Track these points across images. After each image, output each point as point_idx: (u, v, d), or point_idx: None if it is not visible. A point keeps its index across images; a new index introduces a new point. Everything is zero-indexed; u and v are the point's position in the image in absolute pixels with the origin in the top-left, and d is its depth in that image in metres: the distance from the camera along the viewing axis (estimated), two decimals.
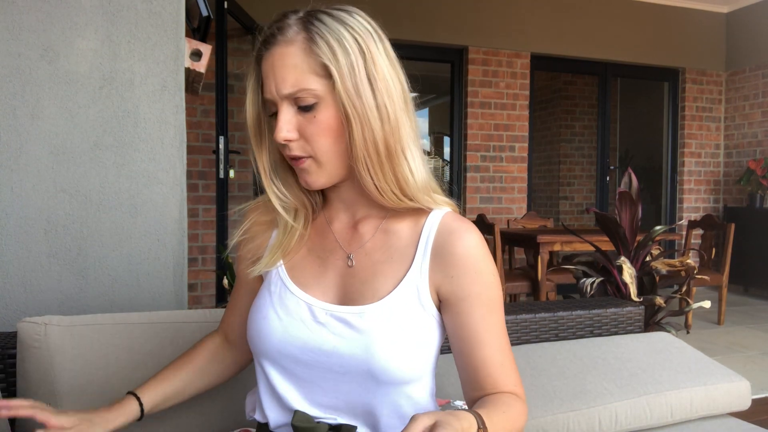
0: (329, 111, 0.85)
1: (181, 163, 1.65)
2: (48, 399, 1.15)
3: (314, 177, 0.88)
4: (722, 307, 4.59)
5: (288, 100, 0.85)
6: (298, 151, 0.86)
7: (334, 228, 0.96)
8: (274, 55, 0.84)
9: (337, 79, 0.83)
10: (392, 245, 0.91)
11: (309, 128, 0.85)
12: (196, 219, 4.42)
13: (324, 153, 0.86)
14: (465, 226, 0.90)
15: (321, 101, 0.84)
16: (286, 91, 0.84)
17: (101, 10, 1.55)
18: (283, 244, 0.95)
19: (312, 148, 0.86)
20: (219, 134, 3.74)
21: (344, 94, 0.83)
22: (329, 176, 0.89)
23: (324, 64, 0.83)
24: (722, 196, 6.43)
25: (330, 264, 0.94)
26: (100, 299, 1.57)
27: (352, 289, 0.90)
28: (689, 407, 1.52)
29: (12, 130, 1.49)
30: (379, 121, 0.85)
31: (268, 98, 0.87)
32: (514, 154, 5.65)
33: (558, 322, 1.76)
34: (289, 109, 0.85)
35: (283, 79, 0.83)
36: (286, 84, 0.83)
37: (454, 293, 0.88)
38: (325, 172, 0.88)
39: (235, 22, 4.26)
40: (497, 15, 5.49)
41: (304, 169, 0.88)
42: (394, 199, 0.88)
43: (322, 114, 0.84)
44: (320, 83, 0.84)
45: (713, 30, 6.32)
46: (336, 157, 0.87)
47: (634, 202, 3.11)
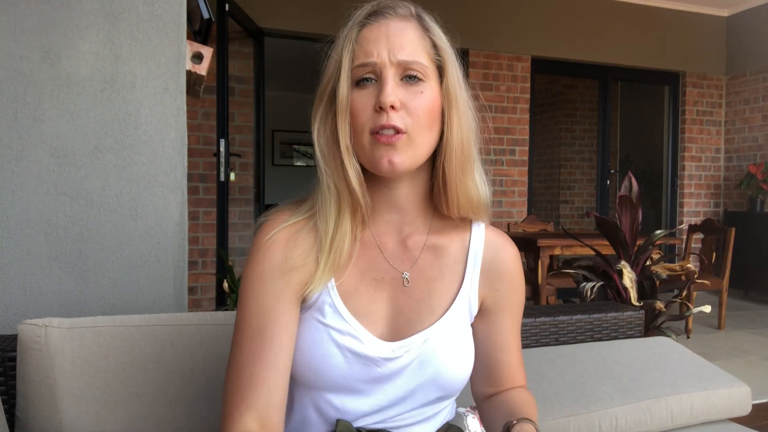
0: (433, 93, 0.85)
1: (182, 165, 1.65)
2: (48, 401, 1.15)
3: (402, 157, 0.83)
4: (723, 312, 4.59)
5: (397, 68, 0.83)
6: (398, 121, 0.82)
7: (385, 245, 0.92)
8: (390, 25, 0.84)
9: (447, 68, 0.86)
10: (442, 262, 0.93)
11: (413, 101, 0.83)
12: (196, 222, 4.41)
13: (420, 131, 0.84)
14: (508, 241, 0.98)
15: (427, 81, 0.84)
16: (402, 57, 0.82)
17: (102, 13, 1.55)
18: (331, 259, 0.86)
19: (412, 121, 0.83)
20: (220, 137, 3.75)
21: (452, 82, 0.86)
22: (414, 160, 0.85)
23: (437, 51, 0.86)
24: (723, 200, 6.43)
25: (386, 285, 0.90)
26: (100, 302, 1.57)
27: (408, 309, 0.90)
28: (689, 412, 1.52)
29: (13, 132, 1.49)
30: (468, 122, 0.88)
31: (370, 63, 0.83)
32: (514, 157, 5.65)
33: (558, 326, 1.76)
34: (395, 78, 0.83)
35: (401, 46, 0.83)
36: (403, 51, 0.83)
37: (496, 304, 0.95)
38: (413, 154, 0.84)
39: (236, 24, 4.27)
40: (498, 18, 5.50)
41: (393, 146, 0.82)
42: (455, 207, 0.90)
43: (429, 92, 0.84)
44: (431, 65, 0.85)
45: (714, 34, 6.33)
46: (427, 141, 0.85)
47: (634, 206, 3.11)
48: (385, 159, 0.82)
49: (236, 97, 4.59)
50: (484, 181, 0.91)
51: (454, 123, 0.86)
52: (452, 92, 0.86)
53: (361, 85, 0.84)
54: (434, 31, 0.87)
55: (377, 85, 0.83)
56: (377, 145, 0.82)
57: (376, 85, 0.83)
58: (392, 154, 0.82)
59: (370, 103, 0.83)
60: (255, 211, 4.75)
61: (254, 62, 4.73)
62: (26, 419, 1.17)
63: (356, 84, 0.84)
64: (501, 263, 0.95)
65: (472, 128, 0.89)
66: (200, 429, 1.25)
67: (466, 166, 0.88)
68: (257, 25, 4.62)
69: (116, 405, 1.19)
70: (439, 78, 0.86)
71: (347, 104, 0.84)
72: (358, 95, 0.84)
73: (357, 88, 0.84)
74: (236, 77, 4.57)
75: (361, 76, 0.84)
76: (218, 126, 3.79)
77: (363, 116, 0.83)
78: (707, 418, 1.56)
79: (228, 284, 2.88)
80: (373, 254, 0.91)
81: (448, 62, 0.86)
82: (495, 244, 0.96)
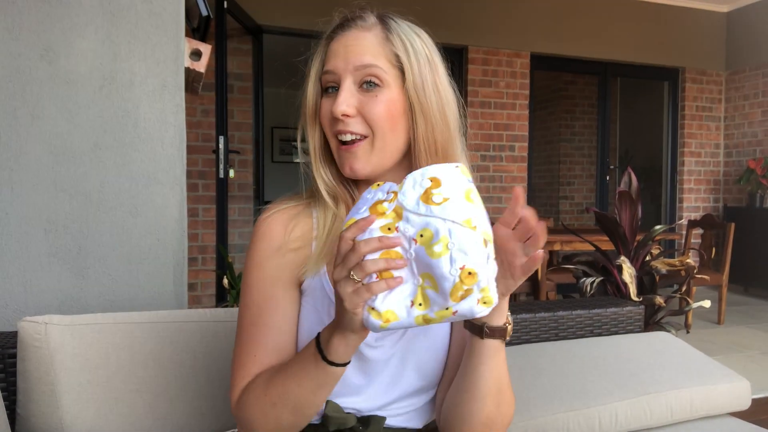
0: (393, 96, 0.87)
1: (181, 162, 1.65)
2: (49, 398, 1.15)
3: (362, 163, 0.88)
4: (722, 307, 4.59)
5: (354, 75, 0.86)
6: (355, 127, 0.86)
7: None
8: (350, 36, 0.88)
9: (408, 70, 0.88)
10: None
11: (369, 105, 0.86)
12: (195, 219, 4.41)
13: (381, 135, 0.87)
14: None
15: (386, 86, 0.87)
16: (358, 62, 0.86)
17: (101, 11, 1.55)
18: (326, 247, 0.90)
19: (371, 126, 0.87)
20: (219, 134, 3.75)
21: (412, 87, 0.88)
22: (377, 165, 0.89)
23: (397, 54, 0.87)
24: (722, 196, 6.43)
25: None
26: (100, 299, 1.57)
27: None
28: (689, 407, 1.52)
29: (12, 130, 1.49)
30: (441, 124, 0.90)
31: (330, 71, 0.88)
32: (514, 153, 5.65)
33: (558, 321, 1.76)
34: (352, 85, 0.87)
35: (357, 54, 0.86)
36: (359, 58, 0.86)
37: None
38: (374, 158, 0.88)
39: (234, 21, 4.26)
40: (497, 14, 5.49)
41: (353, 153, 0.87)
42: None
43: (385, 95, 0.87)
44: (390, 70, 0.88)
45: (713, 29, 6.32)
46: (391, 143, 0.88)
47: (633, 201, 3.11)
48: (347, 165, 0.88)
49: (235, 94, 4.59)
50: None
51: (419, 125, 0.88)
52: (413, 94, 0.88)
53: (327, 93, 0.90)
54: (397, 33, 0.89)
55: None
56: (341, 153, 0.89)
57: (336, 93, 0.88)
58: (353, 161, 0.88)
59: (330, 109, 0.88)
60: (254, 207, 4.75)
61: (253, 59, 4.73)
62: (27, 416, 1.17)
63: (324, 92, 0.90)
64: None
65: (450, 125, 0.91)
66: (200, 425, 1.25)
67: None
68: (256, 22, 4.61)
69: (116, 401, 1.19)
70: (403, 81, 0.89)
71: (314, 111, 0.91)
72: (324, 102, 0.90)
73: (324, 96, 0.90)
74: (235, 74, 4.57)
75: (326, 85, 0.89)
76: (217, 123, 3.79)
77: (326, 122, 0.89)
78: (707, 412, 1.56)
79: (228, 281, 2.88)
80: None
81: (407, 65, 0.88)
82: None
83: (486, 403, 0.83)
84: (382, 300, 0.69)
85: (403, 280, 0.69)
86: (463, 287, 0.67)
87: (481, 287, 0.68)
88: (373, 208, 0.70)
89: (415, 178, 0.70)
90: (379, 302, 0.69)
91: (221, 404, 1.26)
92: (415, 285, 0.69)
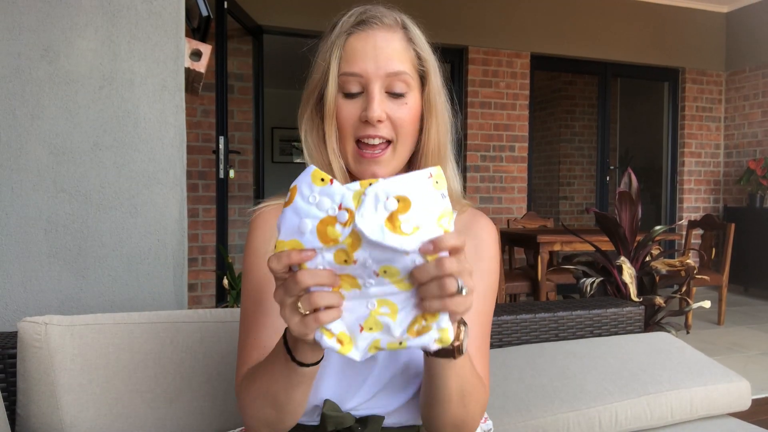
0: (416, 102, 0.89)
1: (181, 163, 1.65)
2: (49, 398, 1.15)
3: (384, 168, 0.88)
4: (722, 307, 4.59)
5: (384, 80, 0.86)
6: (383, 132, 0.86)
7: None
8: (377, 36, 0.87)
9: (430, 74, 0.90)
10: None
11: (398, 114, 0.87)
12: (196, 219, 4.42)
13: (404, 140, 0.88)
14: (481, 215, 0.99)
15: (411, 91, 0.88)
16: (391, 69, 0.86)
17: (101, 11, 1.55)
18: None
19: (397, 132, 0.87)
20: (219, 134, 3.75)
21: (433, 91, 0.90)
22: (394, 169, 0.90)
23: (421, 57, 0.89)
24: (722, 196, 6.43)
25: None
26: (100, 299, 1.57)
27: None
28: (689, 407, 1.52)
29: (12, 130, 1.49)
30: (445, 124, 0.93)
31: (357, 74, 0.86)
32: (514, 154, 5.65)
33: (558, 322, 1.76)
34: (381, 91, 0.86)
35: (389, 58, 0.86)
36: (391, 63, 0.86)
37: None
38: (394, 162, 0.89)
39: (234, 22, 4.26)
40: (497, 15, 5.49)
41: (377, 161, 0.88)
42: None
43: (412, 102, 0.88)
44: (414, 76, 0.89)
45: (713, 30, 6.33)
46: (408, 148, 0.90)
47: (633, 202, 3.11)
48: (369, 172, 0.88)
49: (235, 94, 4.59)
50: (456, 175, 0.96)
51: (432, 128, 0.90)
52: (432, 100, 0.90)
53: (348, 95, 0.87)
54: (418, 40, 0.90)
55: (363, 97, 0.87)
56: (361, 160, 0.88)
57: (362, 97, 0.87)
58: (375, 168, 0.88)
59: (356, 113, 0.87)
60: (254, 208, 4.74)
61: (253, 59, 4.73)
62: (27, 416, 1.17)
63: (344, 94, 0.88)
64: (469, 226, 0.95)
65: (448, 128, 0.93)
66: (200, 425, 1.25)
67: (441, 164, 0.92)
68: (256, 23, 4.62)
69: (116, 402, 1.19)
70: (421, 86, 0.90)
71: (334, 110, 0.88)
72: (345, 104, 0.87)
73: (344, 97, 0.88)
74: (235, 74, 4.57)
75: (348, 89, 0.87)
76: (217, 123, 3.79)
77: (348, 125, 0.87)
78: (707, 413, 1.56)
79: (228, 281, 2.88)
80: None
81: (430, 71, 0.90)
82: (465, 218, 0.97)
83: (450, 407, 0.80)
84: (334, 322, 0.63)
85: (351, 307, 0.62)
86: (423, 323, 0.62)
87: (441, 327, 0.62)
88: (323, 233, 0.59)
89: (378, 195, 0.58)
90: (332, 325, 0.62)
91: (221, 404, 1.26)
92: (368, 309, 0.63)
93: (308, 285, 0.60)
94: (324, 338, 0.62)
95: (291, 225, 0.60)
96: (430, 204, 0.59)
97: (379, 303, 0.62)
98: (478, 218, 0.97)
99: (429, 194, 0.59)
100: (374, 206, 0.58)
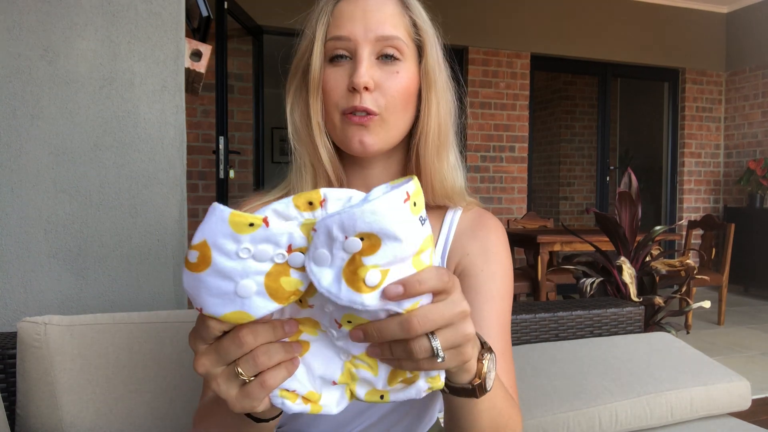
0: (410, 73, 0.81)
1: (181, 163, 1.65)
2: (48, 398, 1.15)
3: (374, 138, 0.80)
4: (722, 307, 4.59)
5: (374, 45, 0.79)
6: (370, 104, 0.78)
7: None
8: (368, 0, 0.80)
9: (427, 44, 0.82)
10: None
11: (388, 82, 0.79)
12: (196, 219, 4.41)
13: (394, 112, 0.80)
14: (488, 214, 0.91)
15: (404, 60, 0.80)
16: (381, 32, 0.78)
17: (101, 11, 1.55)
18: None
19: (386, 102, 0.79)
20: (219, 134, 3.75)
21: (431, 62, 0.82)
22: (387, 141, 0.81)
23: (416, 28, 0.82)
24: (722, 197, 6.43)
25: None
26: (100, 299, 1.57)
27: None
28: (689, 407, 1.52)
29: (12, 130, 1.49)
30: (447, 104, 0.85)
31: (344, 37, 0.79)
32: (514, 154, 5.65)
33: (558, 322, 1.76)
34: (371, 57, 0.79)
35: (378, 21, 0.78)
36: (381, 27, 0.78)
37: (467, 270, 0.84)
38: (385, 136, 0.81)
39: (235, 22, 4.26)
40: (497, 15, 5.49)
41: (366, 127, 0.79)
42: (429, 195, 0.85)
43: (405, 72, 0.80)
44: (410, 44, 0.81)
45: (713, 30, 6.33)
46: (401, 122, 0.82)
47: (633, 202, 3.11)
48: (356, 139, 0.79)
49: (235, 94, 4.59)
50: (459, 166, 0.88)
51: (433, 105, 0.83)
52: (431, 73, 0.82)
53: (335, 61, 0.80)
54: (414, 8, 0.83)
55: (351, 63, 0.79)
56: (349, 124, 0.79)
57: (350, 63, 0.79)
58: (364, 134, 0.79)
59: (344, 81, 0.79)
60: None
61: (253, 60, 4.73)
62: (26, 416, 1.17)
63: (330, 60, 0.80)
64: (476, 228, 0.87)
65: (451, 111, 0.86)
66: None
67: (442, 151, 0.85)
68: (256, 23, 4.62)
69: (116, 402, 1.19)
70: (418, 57, 0.83)
71: (319, 81, 0.80)
72: (332, 72, 0.80)
73: (330, 65, 0.80)
74: (235, 75, 4.57)
75: (335, 53, 0.80)
76: (217, 123, 3.79)
77: (335, 95, 0.80)
78: (707, 413, 1.56)
79: None
80: None
81: (427, 41, 0.82)
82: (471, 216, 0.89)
83: None
84: (291, 380, 0.49)
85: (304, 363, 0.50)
86: (407, 374, 0.50)
87: (431, 376, 0.51)
88: (277, 289, 0.44)
89: (333, 233, 0.43)
90: (292, 382, 0.49)
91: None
92: (341, 360, 0.51)
93: (253, 346, 0.47)
94: (286, 403, 0.49)
95: (220, 292, 0.44)
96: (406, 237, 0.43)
97: (355, 356, 0.51)
98: (485, 219, 0.89)
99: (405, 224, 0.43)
100: (328, 247, 0.43)
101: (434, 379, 0.51)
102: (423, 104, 0.83)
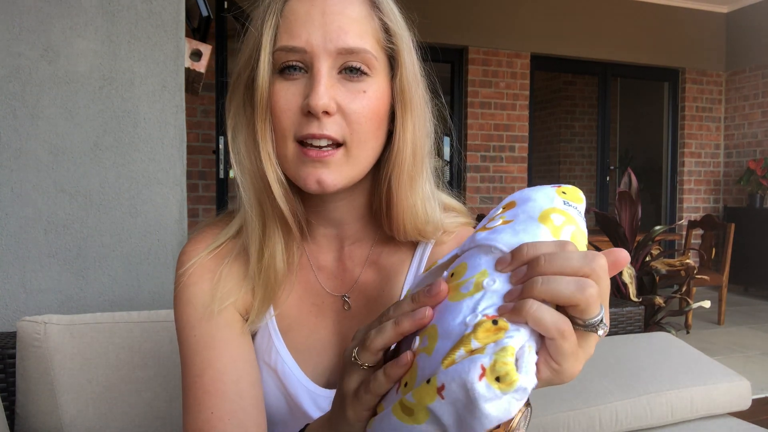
0: (380, 92, 0.65)
1: (181, 163, 1.65)
2: (48, 398, 1.15)
3: (334, 176, 0.64)
4: (722, 307, 4.59)
5: (335, 58, 0.63)
6: (332, 131, 0.62)
7: (321, 265, 0.75)
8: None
9: (402, 53, 0.66)
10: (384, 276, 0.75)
11: (354, 104, 0.63)
12: (196, 219, 4.41)
13: (362, 142, 0.64)
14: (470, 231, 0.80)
15: (373, 75, 0.65)
16: (344, 44, 0.62)
17: (101, 11, 1.55)
18: (262, 285, 0.69)
19: (351, 131, 0.63)
20: (219, 134, 3.75)
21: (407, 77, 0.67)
22: (350, 179, 0.66)
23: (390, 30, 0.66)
24: (722, 196, 6.43)
25: (326, 310, 0.75)
26: (99, 299, 1.57)
27: (351, 334, 0.73)
28: (689, 407, 1.52)
29: (12, 130, 1.49)
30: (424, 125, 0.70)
31: (298, 48, 0.62)
32: (514, 154, 5.65)
33: None
34: (331, 71, 0.63)
35: (342, 28, 0.62)
36: (345, 37, 0.62)
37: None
38: (350, 172, 0.65)
39: (234, 22, 4.26)
40: (497, 15, 5.49)
41: (325, 163, 0.63)
42: (401, 232, 0.71)
43: (374, 92, 0.64)
44: (380, 55, 0.65)
45: (713, 30, 6.33)
46: (370, 152, 0.66)
47: (633, 202, 3.11)
48: (313, 178, 0.63)
49: None
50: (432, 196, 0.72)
51: (408, 128, 0.67)
52: (407, 90, 0.67)
53: (287, 74, 0.63)
54: (385, 6, 0.66)
55: (307, 77, 0.63)
56: (304, 159, 0.63)
57: (305, 78, 0.63)
58: (322, 171, 0.63)
59: (297, 102, 0.63)
60: None
61: None
62: (26, 416, 1.17)
63: (280, 71, 0.64)
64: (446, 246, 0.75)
65: (429, 132, 0.71)
66: None
67: (417, 179, 0.69)
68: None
69: (116, 401, 1.19)
70: (390, 70, 0.67)
71: (267, 99, 0.64)
72: (282, 88, 0.63)
73: (281, 77, 0.64)
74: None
75: (286, 64, 0.63)
76: (217, 123, 3.79)
77: (286, 118, 0.63)
78: (707, 412, 1.56)
79: None
80: (309, 276, 0.75)
81: (402, 49, 0.66)
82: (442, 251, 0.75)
83: None
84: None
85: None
86: (472, 343, 0.40)
87: (503, 346, 0.39)
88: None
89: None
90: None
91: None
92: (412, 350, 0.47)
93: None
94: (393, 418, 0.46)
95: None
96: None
97: (421, 336, 0.45)
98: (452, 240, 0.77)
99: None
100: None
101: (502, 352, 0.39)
102: (396, 126, 0.67)
